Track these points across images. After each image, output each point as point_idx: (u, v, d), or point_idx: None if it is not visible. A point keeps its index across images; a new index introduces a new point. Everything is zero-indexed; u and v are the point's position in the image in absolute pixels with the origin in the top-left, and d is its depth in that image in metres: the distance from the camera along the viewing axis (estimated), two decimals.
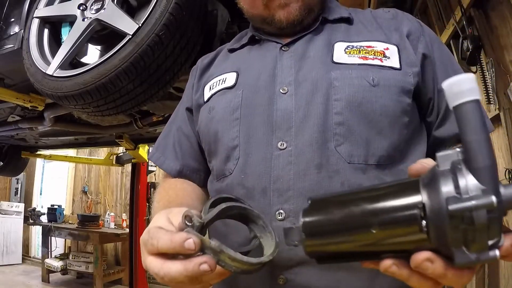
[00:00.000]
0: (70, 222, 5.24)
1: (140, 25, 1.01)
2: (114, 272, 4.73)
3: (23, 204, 6.07)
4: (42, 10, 1.26)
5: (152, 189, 4.10)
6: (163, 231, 0.39)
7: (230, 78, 0.66)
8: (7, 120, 2.17)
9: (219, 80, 0.67)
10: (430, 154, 0.56)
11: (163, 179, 0.74)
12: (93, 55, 1.28)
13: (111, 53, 1.03)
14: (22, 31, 1.34)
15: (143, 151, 3.60)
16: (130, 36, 1.01)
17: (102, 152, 5.40)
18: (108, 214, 5.15)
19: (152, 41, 0.99)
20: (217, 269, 0.37)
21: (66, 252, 5.30)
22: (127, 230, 4.40)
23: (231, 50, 0.73)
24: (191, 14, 1.06)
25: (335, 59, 0.59)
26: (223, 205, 0.43)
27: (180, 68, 1.10)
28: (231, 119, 0.61)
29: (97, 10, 1.11)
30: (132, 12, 1.13)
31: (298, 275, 0.52)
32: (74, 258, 4.80)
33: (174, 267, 0.37)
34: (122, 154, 3.91)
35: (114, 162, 3.96)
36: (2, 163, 3.37)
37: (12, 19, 1.49)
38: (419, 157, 0.57)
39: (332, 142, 0.53)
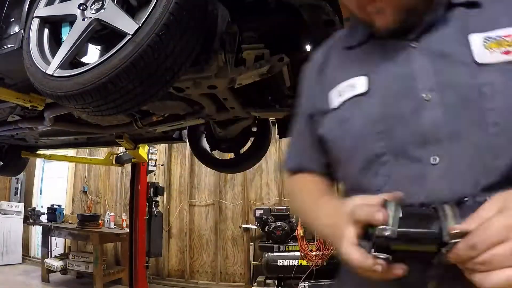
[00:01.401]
0: (70, 222, 5.24)
1: (140, 25, 1.01)
2: (114, 272, 4.73)
3: (23, 204, 6.07)
4: (42, 10, 1.25)
5: (152, 189, 4.08)
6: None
7: (360, 83, 0.61)
8: (7, 120, 2.17)
9: (348, 86, 0.62)
10: None
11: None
12: (93, 55, 1.27)
13: (111, 53, 1.02)
14: (22, 30, 1.34)
15: (143, 151, 3.60)
16: (130, 36, 1.01)
17: (102, 152, 5.40)
18: (108, 214, 5.15)
19: (152, 41, 0.99)
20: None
21: (66, 252, 5.30)
22: (127, 230, 4.40)
23: (349, 48, 0.67)
24: (191, 14, 1.06)
25: (477, 59, 0.52)
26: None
27: (180, 68, 1.10)
28: (373, 133, 0.57)
29: (97, 10, 1.11)
30: (132, 12, 1.13)
31: None
32: (74, 258, 4.80)
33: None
34: (122, 154, 3.91)
35: (114, 162, 3.96)
36: (2, 163, 3.37)
37: (12, 19, 1.49)
38: None
39: (489, 156, 0.50)
